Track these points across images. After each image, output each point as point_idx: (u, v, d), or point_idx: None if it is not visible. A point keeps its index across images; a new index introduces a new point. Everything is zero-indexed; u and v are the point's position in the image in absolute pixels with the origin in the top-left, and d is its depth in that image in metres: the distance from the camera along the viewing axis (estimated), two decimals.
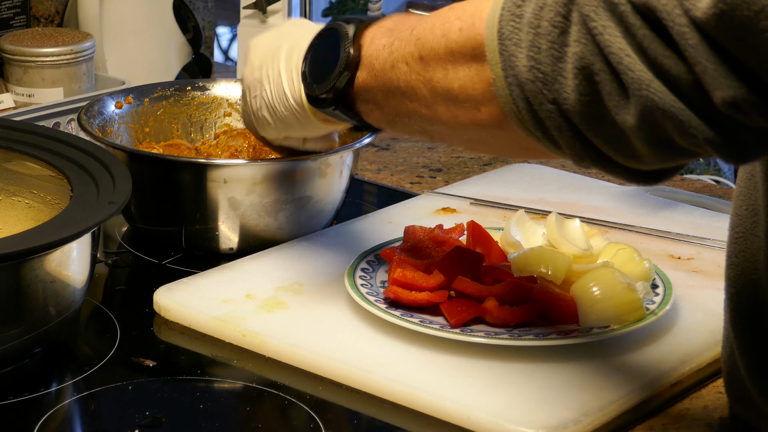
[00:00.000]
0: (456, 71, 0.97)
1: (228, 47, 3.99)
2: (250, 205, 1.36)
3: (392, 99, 1.06)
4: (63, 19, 1.81)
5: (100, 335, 1.23)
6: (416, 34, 1.02)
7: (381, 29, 1.09)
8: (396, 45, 1.04)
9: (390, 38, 1.06)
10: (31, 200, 1.27)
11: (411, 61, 1.02)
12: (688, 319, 1.23)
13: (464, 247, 1.25)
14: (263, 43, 1.24)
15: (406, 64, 1.02)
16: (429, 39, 1.00)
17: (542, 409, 1.07)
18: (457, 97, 0.98)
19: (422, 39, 1.01)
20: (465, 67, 0.96)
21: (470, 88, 0.96)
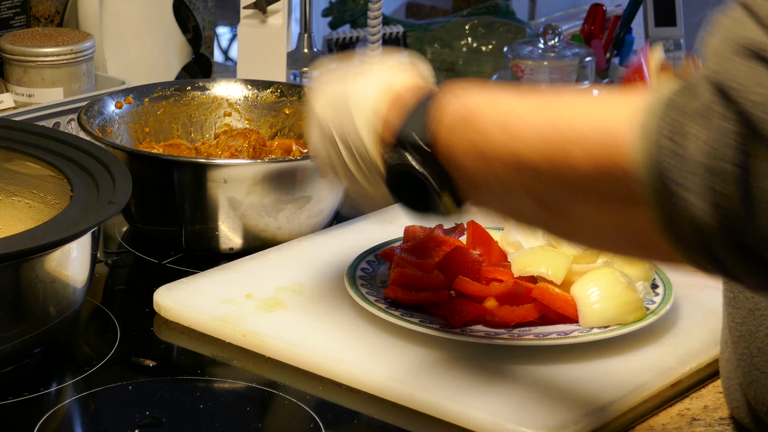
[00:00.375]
0: (583, 207, 0.87)
1: (228, 47, 3.99)
2: (250, 205, 1.36)
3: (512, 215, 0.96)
4: (63, 19, 1.81)
5: (100, 335, 1.23)
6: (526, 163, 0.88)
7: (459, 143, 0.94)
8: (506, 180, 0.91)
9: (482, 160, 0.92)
10: (31, 200, 1.27)
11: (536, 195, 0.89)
12: (688, 319, 1.23)
13: (464, 247, 1.25)
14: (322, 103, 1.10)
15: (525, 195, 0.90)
16: (547, 170, 0.87)
17: (542, 409, 1.07)
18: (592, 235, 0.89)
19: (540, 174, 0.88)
20: (597, 204, 0.86)
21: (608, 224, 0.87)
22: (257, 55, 1.76)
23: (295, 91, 1.56)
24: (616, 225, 0.86)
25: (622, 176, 0.82)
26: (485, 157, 0.92)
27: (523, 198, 0.90)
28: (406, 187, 1.00)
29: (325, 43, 2.68)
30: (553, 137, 0.86)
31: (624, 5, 2.48)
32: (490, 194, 0.94)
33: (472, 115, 0.93)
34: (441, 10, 3.21)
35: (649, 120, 0.81)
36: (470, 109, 0.94)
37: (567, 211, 0.88)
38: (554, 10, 3.20)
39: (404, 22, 2.78)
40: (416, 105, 0.99)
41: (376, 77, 1.06)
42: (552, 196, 0.88)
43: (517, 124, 0.89)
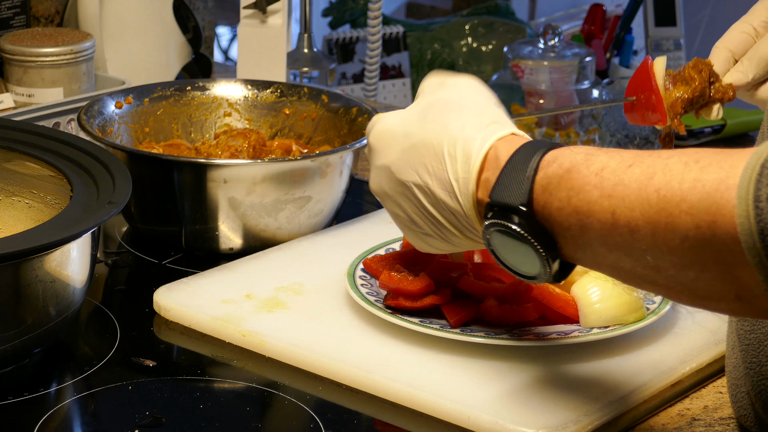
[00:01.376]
0: (685, 266, 0.86)
1: (228, 47, 3.99)
2: (250, 205, 1.36)
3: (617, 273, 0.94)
4: (63, 19, 1.81)
5: (100, 335, 1.23)
6: (626, 222, 0.88)
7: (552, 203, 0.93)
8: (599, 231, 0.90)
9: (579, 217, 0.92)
10: (31, 200, 1.27)
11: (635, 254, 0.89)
12: (688, 319, 1.23)
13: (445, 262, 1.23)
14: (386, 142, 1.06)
15: (626, 255, 0.89)
16: (647, 233, 0.87)
17: (542, 409, 1.07)
18: (695, 291, 0.88)
19: (643, 232, 0.87)
20: (699, 264, 0.85)
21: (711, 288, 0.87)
22: (257, 55, 1.76)
23: (295, 91, 1.56)
24: (721, 284, 0.86)
25: (724, 238, 0.83)
26: (583, 217, 0.91)
27: (625, 257, 0.90)
28: (508, 250, 0.98)
29: (325, 43, 2.68)
30: (653, 199, 0.86)
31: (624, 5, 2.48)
32: (591, 252, 0.93)
33: (569, 177, 0.92)
34: (441, 10, 3.21)
35: (745, 182, 0.81)
36: (566, 168, 0.93)
37: (670, 271, 0.88)
38: (554, 10, 3.21)
39: (404, 22, 2.78)
40: (511, 166, 0.97)
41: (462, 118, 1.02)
42: (654, 255, 0.88)
43: (614, 182, 0.89)
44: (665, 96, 1.17)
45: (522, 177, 0.95)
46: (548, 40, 2.03)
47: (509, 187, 0.96)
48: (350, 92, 2.53)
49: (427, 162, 1.02)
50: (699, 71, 1.17)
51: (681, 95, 1.17)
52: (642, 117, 1.19)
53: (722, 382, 1.16)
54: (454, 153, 1.00)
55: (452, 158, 1.00)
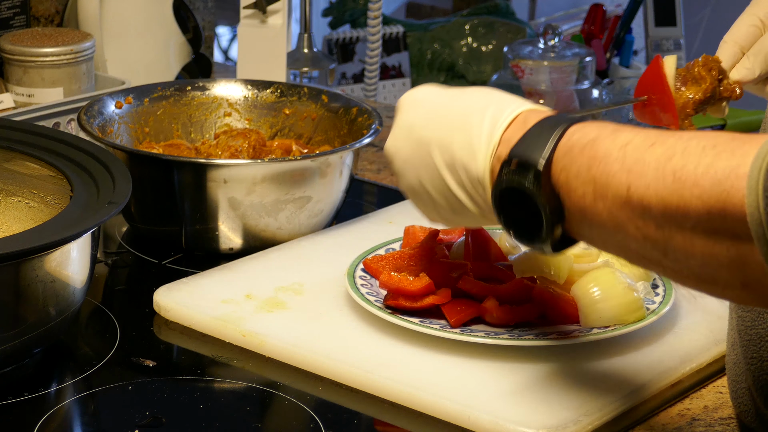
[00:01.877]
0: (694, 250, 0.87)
1: (228, 47, 3.99)
2: (250, 205, 1.36)
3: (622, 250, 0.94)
4: (63, 19, 1.81)
5: (100, 335, 1.23)
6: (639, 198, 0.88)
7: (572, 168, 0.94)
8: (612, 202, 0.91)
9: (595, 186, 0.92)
10: (31, 200, 1.27)
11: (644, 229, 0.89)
12: (688, 319, 1.23)
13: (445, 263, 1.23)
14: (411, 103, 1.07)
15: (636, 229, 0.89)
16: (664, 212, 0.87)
17: (542, 409, 1.07)
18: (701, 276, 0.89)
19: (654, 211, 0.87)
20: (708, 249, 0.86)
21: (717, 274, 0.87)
22: (257, 55, 1.76)
23: (295, 91, 1.56)
24: (728, 271, 0.86)
25: (733, 226, 0.83)
26: (599, 187, 0.91)
27: (634, 235, 0.90)
28: (513, 210, 0.98)
29: (325, 43, 2.68)
30: (669, 180, 0.87)
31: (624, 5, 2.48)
32: (599, 226, 0.93)
33: (593, 146, 0.93)
34: (441, 10, 3.21)
35: (755, 171, 0.82)
36: (591, 138, 0.93)
37: (677, 254, 0.88)
38: (554, 10, 3.20)
39: (404, 22, 2.78)
40: (536, 125, 0.97)
41: (495, 95, 1.03)
42: (663, 236, 0.88)
43: (635, 158, 0.89)
44: (676, 97, 1.17)
45: (547, 137, 0.96)
46: (548, 40, 2.03)
47: (532, 144, 0.96)
48: (350, 92, 2.53)
49: (454, 120, 1.02)
50: (709, 69, 1.17)
51: (693, 97, 1.17)
52: (652, 117, 1.19)
53: (722, 382, 1.16)
54: (483, 114, 1.01)
55: (480, 118, 1.01)
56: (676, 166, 0.87)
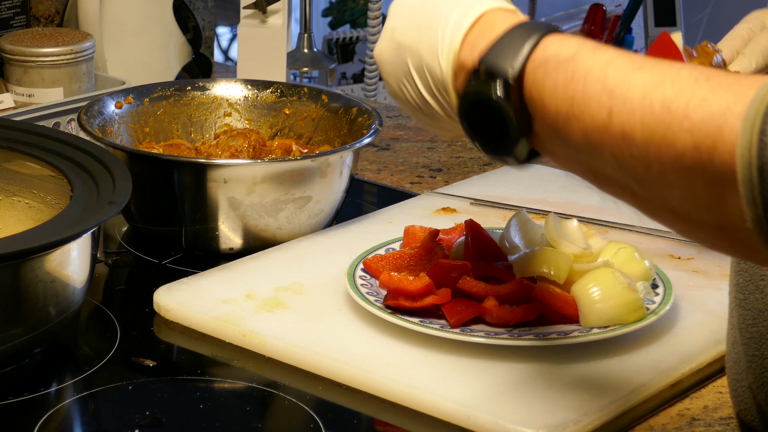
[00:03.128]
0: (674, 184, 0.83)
1: (228, 47, 4.00)
2: (250, 205, 1.36)
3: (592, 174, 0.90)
4: (63, 19, 1.81)
5: (100, 335, 1.23)
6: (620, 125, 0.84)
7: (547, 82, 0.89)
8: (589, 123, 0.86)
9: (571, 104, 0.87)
10: (31, 200, 1.27)
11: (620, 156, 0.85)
12: (688, 319, 1.23)
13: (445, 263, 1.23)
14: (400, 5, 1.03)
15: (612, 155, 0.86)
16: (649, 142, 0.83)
17: (542, 409, 1.07)
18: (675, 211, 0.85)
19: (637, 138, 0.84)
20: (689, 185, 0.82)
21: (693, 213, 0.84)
22: (257, 55, 1.76)
23: (295, 91, 1.56)
24: (705, 210, 0.83)
25: (720, 165, 0.80)
26: (575, 107, 0.87)
27: (608, 160, 0.86)
28: (479, 120, 0.93)
29: (325, 43, 2.68)
30: (657, 108, 0.83)
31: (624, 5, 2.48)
32: (571, 147, 0.89)
33: (572, 61, 0.88)
34: None
35: (752, 112, 0.79)
36: (570, 53, 0.89)
37: (654, 185, 0.85)
38: (554, 10, 3.21)
39: None
40: (508, 32, 0.92)
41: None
42: (642, 165, 0.84)
43: (618, 81, 0.85)
44: None
45: (519, 46, 0.90)
46: None
47: (503, 53, 0.91)
48: (350, 92, 2.53)
49: (424, 22, 0.98)
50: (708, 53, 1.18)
51: None
52: None
53: (722, 382, 1.16)
54: (449, 15, 0.97)
55: (446, 19, 0.96)
56: (666, 94, 0.83)
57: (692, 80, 0.83)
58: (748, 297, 1.02)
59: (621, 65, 0.86)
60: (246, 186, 1.35)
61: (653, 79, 0.84)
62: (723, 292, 1.27)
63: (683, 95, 0.82)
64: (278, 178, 1.35)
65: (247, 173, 1.34)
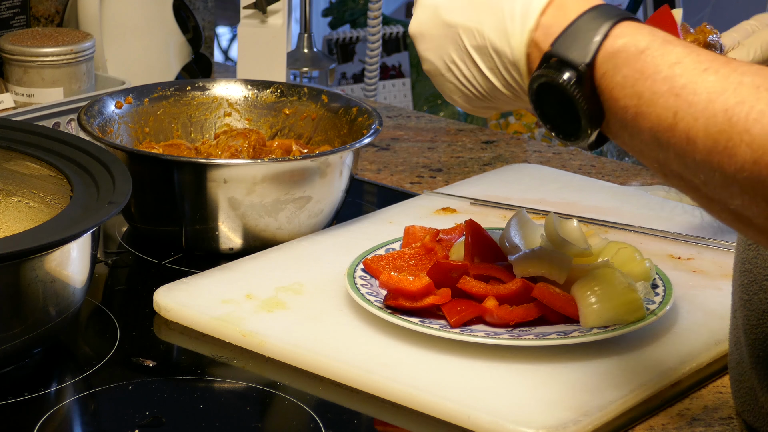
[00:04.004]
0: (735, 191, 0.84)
1: (228, 47, 4.00)
2: (250, 205, 1.36)
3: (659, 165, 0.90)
4: (63, 19, 1.81)
5: (100, 335, 1.23)
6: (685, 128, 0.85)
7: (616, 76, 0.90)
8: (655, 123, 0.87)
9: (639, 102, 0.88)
10: (31, 200, 1.27)
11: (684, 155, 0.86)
12: (688, 319, 1.23)
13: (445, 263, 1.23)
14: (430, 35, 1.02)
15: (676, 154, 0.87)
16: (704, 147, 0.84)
17: (542, 409, 1.07)
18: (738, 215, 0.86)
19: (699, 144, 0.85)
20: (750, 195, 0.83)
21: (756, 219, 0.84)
22: (257, 55, 1.76)
23: (295, 91, 1.56)
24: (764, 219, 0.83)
25: None
26: (643, 105, 0.88)
27: (674, 159, 0.87)
28: (550, 103, 0.94)
29: (325, 43, 2.68)
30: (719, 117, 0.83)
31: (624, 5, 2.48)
32: (639, 140, 0.89)
33: (641, 57, 0.89)
34: None
35: None
36: (641, 48, 0.89)
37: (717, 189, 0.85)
38: None
39: (404, 22, 2.78)
40: (580, 18, 0.93)
41: None
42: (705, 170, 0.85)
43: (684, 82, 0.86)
44: None
45: (591, 36, 0.91)
46: None
47: (574, 42, 0.92)
48: (350, 92, 2.53)
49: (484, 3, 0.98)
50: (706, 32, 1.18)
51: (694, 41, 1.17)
52: None
53: (722, 382, 1.16)
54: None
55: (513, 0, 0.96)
56: (728, 103, 0.83)
57: (754, 89, 0.83)
58: (752, 298, 1.02)
59: (688, 65, 0.87)
60: (246, 186, 1.34)
61: (717, 85, 0.85)
62: (723, 292, 1.27)
63: (744, 106, 0.83)
64: (278, 178, 1.35)
65: (247, 173, 1.34)
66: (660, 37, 0.90)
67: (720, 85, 0.84)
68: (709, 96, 0.84)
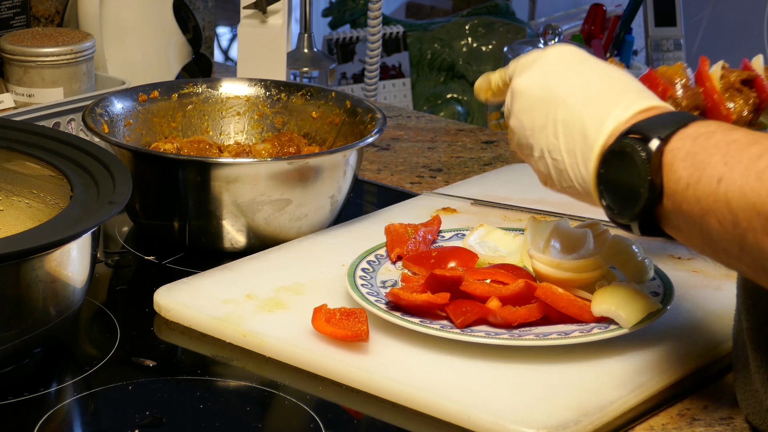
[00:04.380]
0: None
1: (228, 47, 4.00)
2: (253, 204, 1.36)
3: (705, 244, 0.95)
4: (63, 19, 1.81)
5: (101, 335, 1.23)
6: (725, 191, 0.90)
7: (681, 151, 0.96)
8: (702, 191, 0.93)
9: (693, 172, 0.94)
10: (31, 200, 1.27)
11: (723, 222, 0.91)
12: (688, 319, 1.23)
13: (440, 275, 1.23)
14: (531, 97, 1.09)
15: (718, 222, 0.91)
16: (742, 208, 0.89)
17: (542, 409, 1.07)
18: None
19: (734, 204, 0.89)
20: None
21: None
22: (257, 55, 1.76)
23: (324, 95, 1.56)
24: None
25: None
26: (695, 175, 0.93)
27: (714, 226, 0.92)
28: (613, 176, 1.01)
29: (325, 43, 2.68)
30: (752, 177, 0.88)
31: (624, 5, 2.48)
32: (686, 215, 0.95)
33: (707, 135, 0.95)
34: (441, 10, 3.21)
35: None
36: (710, 130, 0.95)
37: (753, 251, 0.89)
38: (554, 10, 3.21)
39: (404, 22, 2.78)
40: (668, 115, 1.00)
41: (634, 83, 1.05)
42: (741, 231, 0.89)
43: (734, 153, 0.91)
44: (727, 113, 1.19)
45: (672, 122, 0.98)
46: (548, 40, 2.03)
47: (655, 124, 0.98)
48: (350, 92, 2.53)
49: (595, 89, 1.04)
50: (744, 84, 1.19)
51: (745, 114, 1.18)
52: None
53: (722, 382, 1.16)
54: (626, 92, 1.03)
55: (622, 94, 1.03)
56: (761, 165, 0.88)
57: None
58: (757, 302, 1.02)
59: (742, 142, 0.92)
60: (249, 185, 1.35)
61: (758, 152, 0.90)
62: (723, 292, 1.27)
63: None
64: (281, 177, 1.35)
65: (250, 172, 1.34)
66: (729, 126, 0.96)
67: (759, 152, 0.89)
68: (749, 162, 0.89)
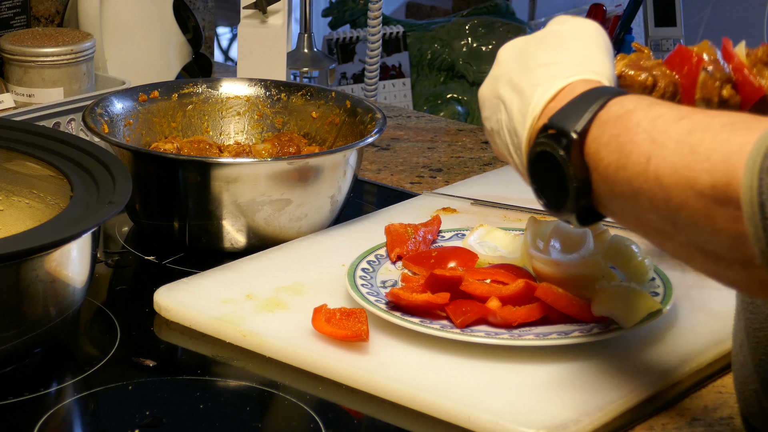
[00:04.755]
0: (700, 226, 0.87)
1: (228, 47, 4.00)
2: (253, 204, 1.36)
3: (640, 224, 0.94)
4: (63, 19, 1.81)
5: (101, 335, 1.23)
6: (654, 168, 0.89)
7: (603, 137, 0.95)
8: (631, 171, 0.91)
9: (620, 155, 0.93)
10: (31, 200, 1.27)
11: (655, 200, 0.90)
12: (688, 319, 1.23)
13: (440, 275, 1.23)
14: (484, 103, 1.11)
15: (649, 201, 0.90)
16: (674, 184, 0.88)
17: (542, 409, 1.07)
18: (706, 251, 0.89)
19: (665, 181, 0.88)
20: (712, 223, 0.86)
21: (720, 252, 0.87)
22: (257, 55, 1.76)
23: (324, 94, 1.56)
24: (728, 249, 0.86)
25: (734, 202, 0.83)
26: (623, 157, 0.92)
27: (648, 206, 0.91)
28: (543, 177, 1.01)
29: (325, 43, 2.68)
30: (685, 152, 0.87)
31: (624, 5, 2.48)
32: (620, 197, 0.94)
33: (628, 116, 0.94)
34: (441, 10, 3.21)
35: (755, 150, 0.81)
36: (628, 109, 0.95)
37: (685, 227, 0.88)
38: (554, 10, 3.21)
39: (404, 22, 2.78)
40: (580, 98, 0.99)
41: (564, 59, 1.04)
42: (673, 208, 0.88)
43: (660, 130, 0.90)
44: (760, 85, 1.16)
45: (585, 108, 0.97)
46: None
47: (570, 115, 0.98)
48: (350, 92, 2.53)
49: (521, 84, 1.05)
50: None
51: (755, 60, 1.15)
52: None
53: (722, 382, 1.16)
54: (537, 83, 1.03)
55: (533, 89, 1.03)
56: (694, 139, 0.87)
57: (721, 125, 0.86)
58: (755, 301, 1.02)
59: (668, 117, 0.91)
60: (249, 185, 1.35)
61: (688, 127, 0.88)
62: (723, 292, 1.27)
63: (709, 138, 0.86)
64: (281, 177, 1.35)
65: (250, 172, 1.34)
66: (647, 100, 0.95)
67: (690, 127, 0.88)
68: (680, 137, 0.88)
